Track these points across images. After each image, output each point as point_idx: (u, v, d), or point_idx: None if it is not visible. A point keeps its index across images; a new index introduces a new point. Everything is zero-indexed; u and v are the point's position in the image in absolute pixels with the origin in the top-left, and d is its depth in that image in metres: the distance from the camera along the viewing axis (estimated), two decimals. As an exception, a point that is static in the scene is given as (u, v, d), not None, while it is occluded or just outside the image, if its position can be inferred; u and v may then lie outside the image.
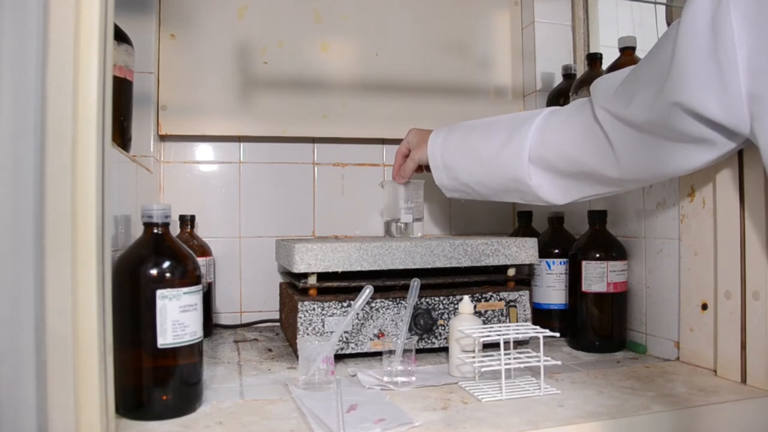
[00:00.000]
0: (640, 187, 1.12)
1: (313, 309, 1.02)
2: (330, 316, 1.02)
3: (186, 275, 0.77)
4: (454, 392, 0.87)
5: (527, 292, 1.14)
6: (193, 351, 0.79)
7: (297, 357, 0.96)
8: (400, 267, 1.07)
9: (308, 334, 1.01)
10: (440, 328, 1.08)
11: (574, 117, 0.97)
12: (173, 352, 0.76)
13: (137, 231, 0.86)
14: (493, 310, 1.11)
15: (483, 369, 0.88)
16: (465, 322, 0.95)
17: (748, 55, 0.68)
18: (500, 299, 1.11)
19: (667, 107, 0.76)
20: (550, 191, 1.04)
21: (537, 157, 1.02)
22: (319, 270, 1.03)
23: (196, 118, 1.39)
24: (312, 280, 1.05)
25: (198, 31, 1.40)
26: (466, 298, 0.98)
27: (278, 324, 1.41)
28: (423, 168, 1.26)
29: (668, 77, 0.75)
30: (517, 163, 1.04)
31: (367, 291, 0.95)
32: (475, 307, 1.07)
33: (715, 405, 0.82)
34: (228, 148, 1.46)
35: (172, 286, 0.76)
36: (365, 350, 1.04)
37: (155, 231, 0.80)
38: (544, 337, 0.88)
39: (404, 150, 1.26)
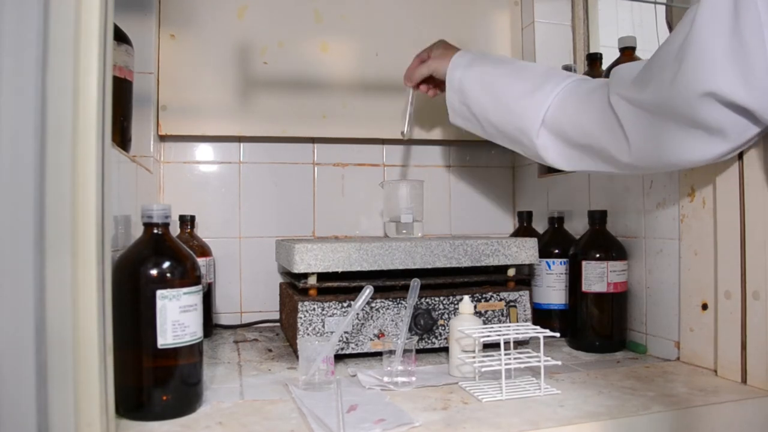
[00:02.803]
0: (648, 173, 1.11)
1: (313, 309, 1.02)
2: (330, 316, 1.02)
3: (186, 275, 0.77)
4: (454, 392, 0.87)
5: (527, 292, 1.14)
6: (193, 351, 0.79)
7: (297, 357, 0.96)
8: (400, 267, 1.07)
9: (308, 335, 1.01)
10: (440, 328, 1.08)
11: (595, 94, 0.95)
12: (173, 353, 0.76)
13: (137, 231, 0.86)
14: (493, 310, 1.11)
15: (483, 369, 0.88)
16: (465, 322, 0.95)
17: None
18: (500, 299, 1.11)
19: (685, 90, 0.74)
20: (555, 155, 1.03)
21: (552, 121, 1.00)
22: (319, 270, 1.03)
23: (196, 118, 1.39)
24: (312, 281, 1.05)
25: (198, 31, 1.40)
26: (466, 298, 0.98)
27: (278, 324, 1.41)
28: (431, 84, 1.25)
29: (685, 60, 0.73)
30: (531, 117, 1.02)
31: (367, 291, 0.95)
32: (475, 307, 1.07)
33: (715, 405, 0.82)
34: (228, 148, 1.46)
35: (172, 287, 0.76)
36: (365, 350, 1.04)
37: (155, 231, 0.80)
38: (544, 337, 0.88)
39: (424, 56, 1.22)
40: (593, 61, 1.35)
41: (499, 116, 1.07)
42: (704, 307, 0.98)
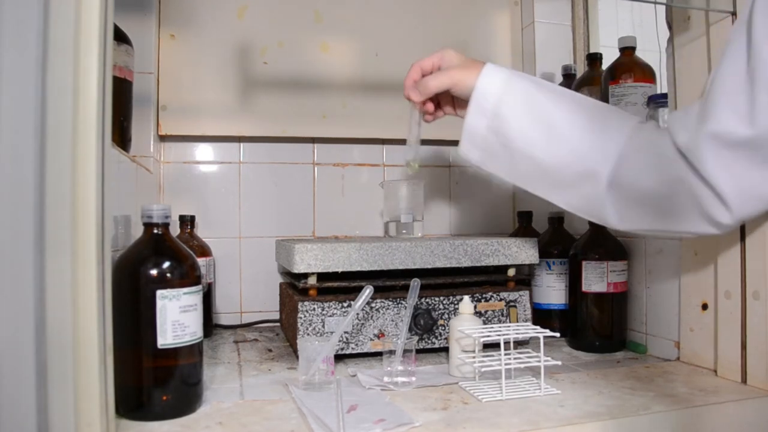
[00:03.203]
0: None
1: (313, 309, 1.02)
2: (330, 316, 1.02)
3: (186, 275, 0.77)
4: (454, 392, 0.87)
5: (527, 292, 1.14)
6: (193, 351, 0.79)
7: (297, 357, 0.96)
8: (400, 267, 1.07)
9: (308, 335, 1.01)
10: (440, 328, 1.08)
11: (660, 140, 0.77)
12: (173, 353, 0.76)
13: (137, 231, 0.86)
14: (493, 310, 1.11)
15: (483, 369, 0.88)
16: (465, 322, 0.95)
17: None
18: (500, 299, 1.11)
19: None
20: (621, 210, 0.82)
21: (619, 167, 0.80)
22: (319, 270, 1.03)
23: (196, 118, 1.39)
24: (312, 281, 1.05)
25: (198, 32, 1.40)
26: (466, 298, 0.98)
27: (278, 324, 1.41)
28: (438, 102, 0.98)
29: None
30: (601, 160, 0.80)
31: (367, 291, 0.95)
32: (475, 307, 1.07)
33: (715, 405, 0.82)
34: (228, 148, 1.46)
35: (172, 287, 0.75)
36: (365, 350, 1.04)
37: (155, 231, 0.80)
38: (544, 337, 0.88)
39: (428, 66, 0.94)
40: (593, 61, 1.35)
41: (552, 154, 0.82)
42: (704, 307, 0.98)
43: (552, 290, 1.27)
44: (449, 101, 0.96)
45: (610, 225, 0.84)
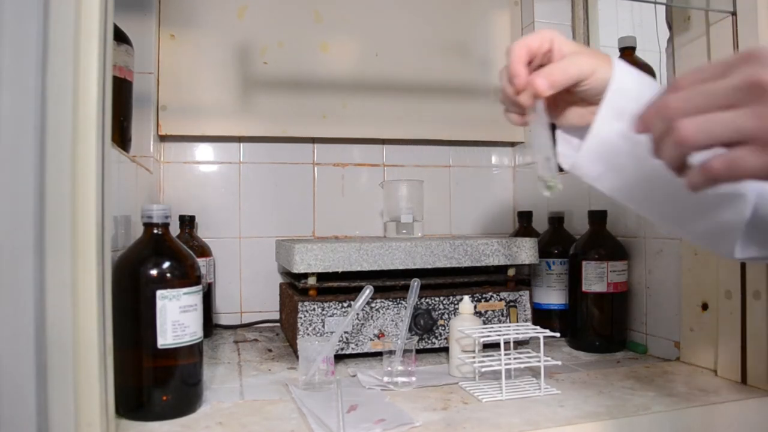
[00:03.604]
0: None
1: (313, 309, 1.02)
2: (330, 316, 1.02)
3: (186, 275, 0.77)
4: (454, 392, 0.87)
5: (527, 292, 1.14)
6: (193, 351, 0.79)
7: (297, 357, 0.95)
8: (400, 267, 1.07)
9: (308, 335, 1.01)
10: (440, 328, 1.08)
11: None
12: (173, 353, 0.76)
13: (137, 231, 0.86)
14: (493, 311, 1.11)
15: (483, 369, 0.88)
16: (465, 322, 0.95)
17: None
18: (500, 299, 1.11)
19: None
20: (747, 247, 0.66)
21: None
22: (319, 270, 1.03)
23: (196, 118, 1.39)
24: (312, 281, 1.04)
25: (198, 32, 1.40)
26: (466, 298, 0.98)
27: (278, 324, 1.41)
28: (572, 104, 0.69)
29: None
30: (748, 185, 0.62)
31: (367, 291, 0.95)
32: (475, 307, 1.07)
33: (715, 405, 0.82)
34: (228, 148, 1.46)
35: (172, 287, 0.75)
36: (365, 350, 1.04)
37: (155, 231, 0.80)
38: (544, 337, 0.88)
39: (534, 42, 0.65)
40: (593, 61, 1.35)
41: None
42: (704, 307, 0.98)
43: (552, 290, 1.27)
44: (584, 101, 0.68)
45: (732, 257, 0.68)
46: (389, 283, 1.07)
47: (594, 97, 0.65)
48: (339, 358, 1.04)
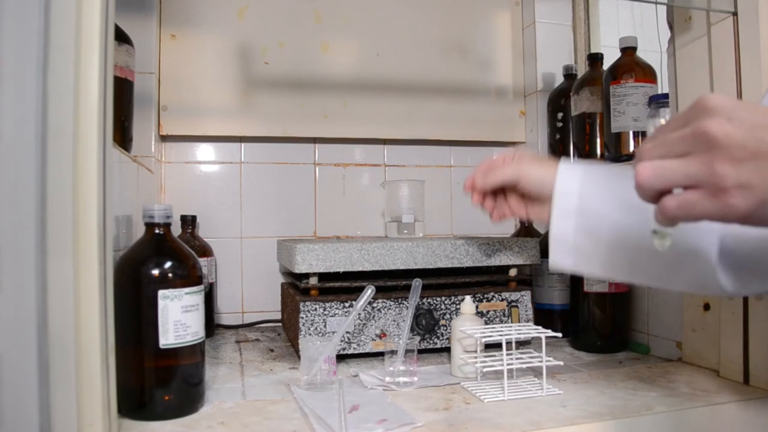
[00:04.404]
0: None
1: (315, 309, 1.02)
2: (332, 316, 1.02)
3: (187, 275, 0.77)
4: (456, 392, 0.87)
5: (529, 292, 1.14)
6: (195, 351, 0.78)
7: (299, 357, 0.95)
8: (402, 267, 1.07)
9: (310, 335, 1.01)
10: (442, 328, 1.08)
11: None
12: (175, 353, 0.76)
13: (139, 231, 0.86)
14: (494, 311, 1.10)
15: (485, 369, 0.88)
16: (467, 323, 0.94)
17: None
18: (502, 299, 1.11)
19: None
20: (737, 280, 0.71)
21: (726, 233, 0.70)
22: (321, 270, 1.03)
23: (197, 118, 1.39)
24: (313, 281, 1.04)
25: (199, 32, 1.40)
26: (468, 298, 0.97)
27: (280, 324, 1.41)
28: (515, 198, 0.88)
29: None
30: (708, 230, 0.70)
31: (369, 291, 0.95)
32: (476, 307, 1.07)
33: (717, 405, 0.81)
34: (229, 148, 1.46)
35: (174, 287, 0.75)
36: (367, 350, 1.04)
37: (157, 231, 0.80)
38: (546, 337, 0.87)
39: (497, 162, 0.87)
40: (594, 61, 1.35)
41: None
42: (706, 307, 0.98)
43: (554, 290, 1.27)
44: (518, 199, 0.88)
45: (729, 295, 0.75)
46: (391, 283, 1.07)
47: (536, 191, 0.82)
48: (341, 358, 1.04)
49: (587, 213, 0.77)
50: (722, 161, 0.46)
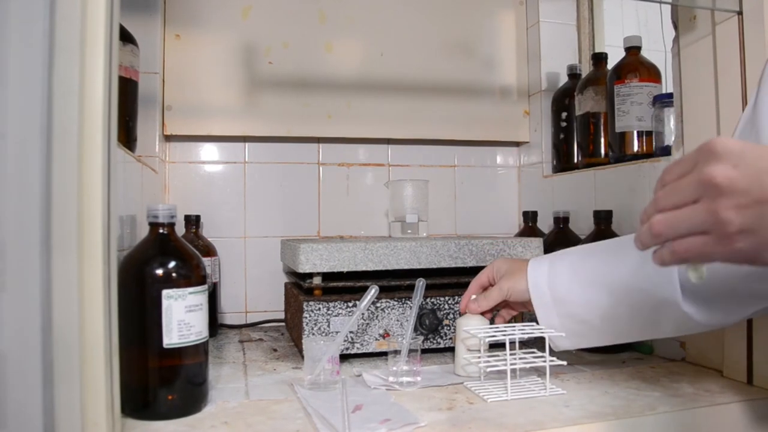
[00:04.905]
0: None
1: (319, 309, 1.02)
2: (335, 316, 1.02)
3: (191, 275, 0.78)
4: (459, 392, 0.87)
5: (532, 292, 1.14)
6: (199, 351, 0.79)
7: (302, 357, 0.96)
8: (406, 267, 1.07)
9: (313, 334, 1.01)
10: (445, 328, 1.08)
11: None
12: (179, 352, 0.76)
13: (143, 231, 0.86)
14: (498, 311, 1.10)
15: (488, 369, 0.88)
16: (471, 321, 0.94)
17: None
18: (505, 299, 1.11)
19: None
20: (708, 314, 0.78)
21: (686, 279, 0.75)
22: (325, 270, 1.03)
23: (201, 118, 1.39)
24: (317, 280, 1.05)
25: (203, 32, 1.40)
26: (472, 297, 0.97)
27: (283, 324, 1.41)
28: (511, 307, 0.99)
29: None
30: (665, 282, 0.77)
31: (373, 291, 0.95)
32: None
33: (721, 406, 0.81)
34: (233, 148, 1.46)
35: (178, 286, 0.76)
36: (370, 350, 1.04)
37: (161, 231, 0.80)
38: (550, 337, 0.87)
39: (484, 280, 0.98)
40: (598, 60, 1.35)
41: (622, 305, 0.83)
42: (710, 307, 0.98)
43: (557, 290, 1.26)
44: (516, 304, 0.97)
45: (708, 328, 0.81)
46: (394, 283, 1.07)
47: (523, 301, 0.93)
48: (344, 357, 1.04)
49: (561, 301, 0.87)
50: (726, 209, 0.49)
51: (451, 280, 1.12)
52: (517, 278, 0.92)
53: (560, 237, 1.29)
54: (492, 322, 0.97)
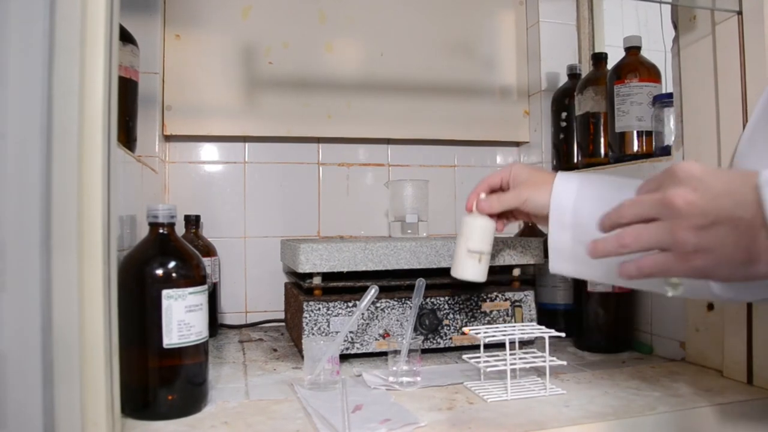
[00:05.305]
0: None
1: (319, 309, 1.02)
2: (335, 316, 1.02)
3: (191, 275, 0.78)
4: (459, 392, 0.87)
5: (532, 292, 1.14)
6: (199, 351, 0.79)
7: (302, 357, 0.96)
8: (405, 267, 1.07)
9: (313, 334, 1.01)
10: (445, 328, 1.08)
11: None
12: (179, 352, 0.76)
13: (143, 231, 0.86)
14: (498, 310, 1.10)
15: (488, 369, 0.88)
16: (477, 221, 0.93)
17: None
18: (505, 299, 1.11)
19: None
20: (729, 290, 0.71)
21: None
22: (324, 270, 1.03)
23: (201, 118, 1.39)
24: (317, 280, 1.05)
25: (203, 32, 1.40)
26: (482, 196, 0.93)
27: (283, 324, 1.41)
28: (515, 215, 0.95)
29: None
30: None
31: (373, 291, 0.95)
32: (480, 307, 1.07)
33: (721, 406, 0.81)
34: (233, 148, 1.46)
35: (178, 286, 0.76)
36: (370, 350, 1.04)
37: (161, 231, 0.80)
38: (550, 337, 0.87)
39: (496, 181, 0.93)
40: (598, 60, 1.35)
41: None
42: (710, 307, 0.98)
43: (557, 290, 1.26)
44: (522, 213, 0.93)
45: (724, 300, 0.82)
46: (394, 283, 1.08)
47: (538, 213, 0.87)
48: (344, 357, 1.04)
49: (582, 227, 0.82)
50: (684, 230, 0.54)
51: (451, 281, 1.11)
52: (539, 190, 0.86)
53: (560, 237, 1.28)
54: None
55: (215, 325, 1.31)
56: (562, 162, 1.45)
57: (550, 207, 0.85)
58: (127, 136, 1.05)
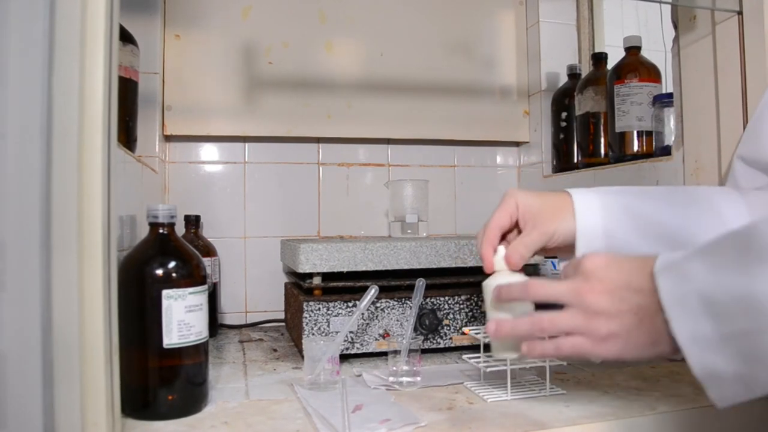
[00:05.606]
0: None
1: (319, 309, 1.02)
2: (335, 316, 1.02)
3: (191, 275, 0.78)
4: (459, 392, 0.87)
5: (532, 292, 1.13)
6: (199, 351, 0.79)
7: (302, 357, 0.96)
8: (405, 267, 1.07)
9: (313, 334, 1.01)
10: (445, 328, 1.08)
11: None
12: (179, 352, 0.76)
13: (143, 231, 0.86)
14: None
15: (488, 369, 0.88)
16: (510, 280, 0.73)
17: None
18: (505, 299, 1.11)
19: None
20: None
21: None
22: (324, 270, 1.03)
23: (201, 118, 1.39)
24: (317, 280, 1.05)
25: (203, 32, 1.40)
26: (501, 248, 0.76)
27: (283, 324, 1.41)
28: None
29: None
30: None
31: (373, 291, 0.95)
32: (480, 307, 1.07)
33: (721, 405, 0.81)
34: (233, 148, 1.46)
35: (178, 286, 0.76)
36: (370, 350, 1.04)
37: (161, 231, 0.80)
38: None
39: (505, 220, 0.78)
40: (598, 60, 1.35)
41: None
42: (710, 307, 0.98)
43: (557, 290, 1.26)
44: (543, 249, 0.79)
45: None
46: (394, 283, 1.07)
47: (565, 244, 0.75)
48: (344, 357, 1.04)
49: (613, 249, 0.72)
50: (596, 318, 0.59)
51: (451, 281, 1.11)
52: (563, 218, 0.74)
53: (560, 237, 1.28)
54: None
55: (215, 325, 1.31)
56: (562, 162, 1.45)
57: (577, 238, 0.74)
58: (127, 136, 1.05)
